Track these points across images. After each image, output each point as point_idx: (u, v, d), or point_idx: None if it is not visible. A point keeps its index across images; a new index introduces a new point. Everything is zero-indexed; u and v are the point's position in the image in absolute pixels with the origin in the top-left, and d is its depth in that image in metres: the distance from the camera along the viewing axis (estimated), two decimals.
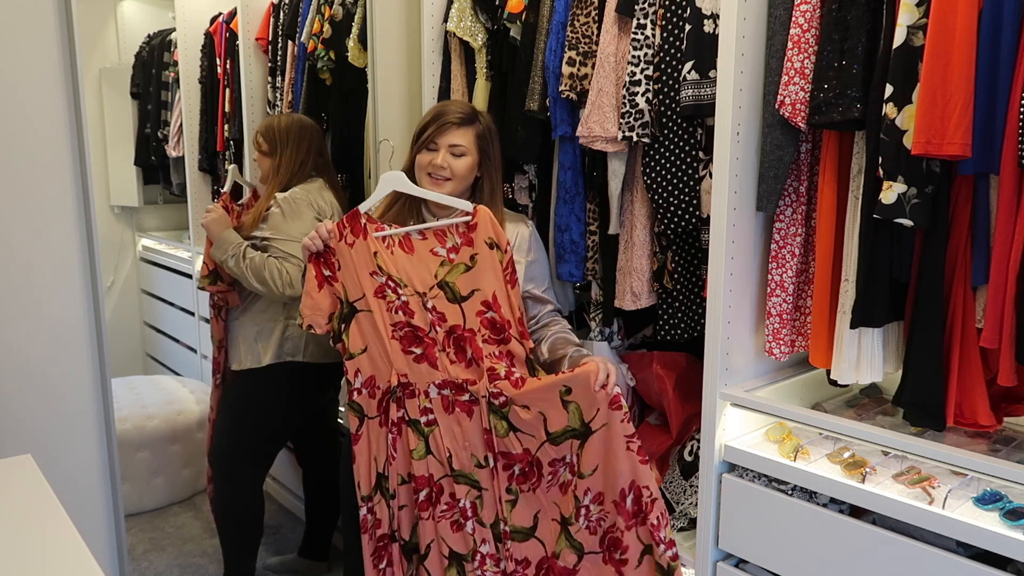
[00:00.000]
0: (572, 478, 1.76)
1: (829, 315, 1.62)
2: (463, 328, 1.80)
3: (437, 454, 1.82)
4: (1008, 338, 1.36)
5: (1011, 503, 1.39)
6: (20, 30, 1.96)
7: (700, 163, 1.79)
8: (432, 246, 1.83)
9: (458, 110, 1.89)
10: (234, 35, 3.18)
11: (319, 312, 1.83)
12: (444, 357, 1.81)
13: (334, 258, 1.83)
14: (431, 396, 1.81)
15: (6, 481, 1.48)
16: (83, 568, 1.19)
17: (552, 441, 1.74)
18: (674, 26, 1.76)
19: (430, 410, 1.82)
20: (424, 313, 1.81)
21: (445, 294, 1.81)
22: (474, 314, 1.80)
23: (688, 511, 1.90)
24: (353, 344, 1.83)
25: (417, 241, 1.84)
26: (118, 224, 4.38)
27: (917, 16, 1.37)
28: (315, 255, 1.82)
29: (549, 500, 1.79)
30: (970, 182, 1.43)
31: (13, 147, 1.99)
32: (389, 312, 1.82)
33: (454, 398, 1.81)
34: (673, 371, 2.05)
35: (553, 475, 1.77)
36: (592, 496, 1.75)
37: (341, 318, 1.83)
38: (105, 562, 2.24)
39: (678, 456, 2.00)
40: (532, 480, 1.78)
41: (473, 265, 1.81)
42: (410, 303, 1.81)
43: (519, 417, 1.75)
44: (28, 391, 2.09)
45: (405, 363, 1.81)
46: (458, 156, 1.87)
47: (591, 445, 1.72)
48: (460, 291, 1.81)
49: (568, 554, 1.79)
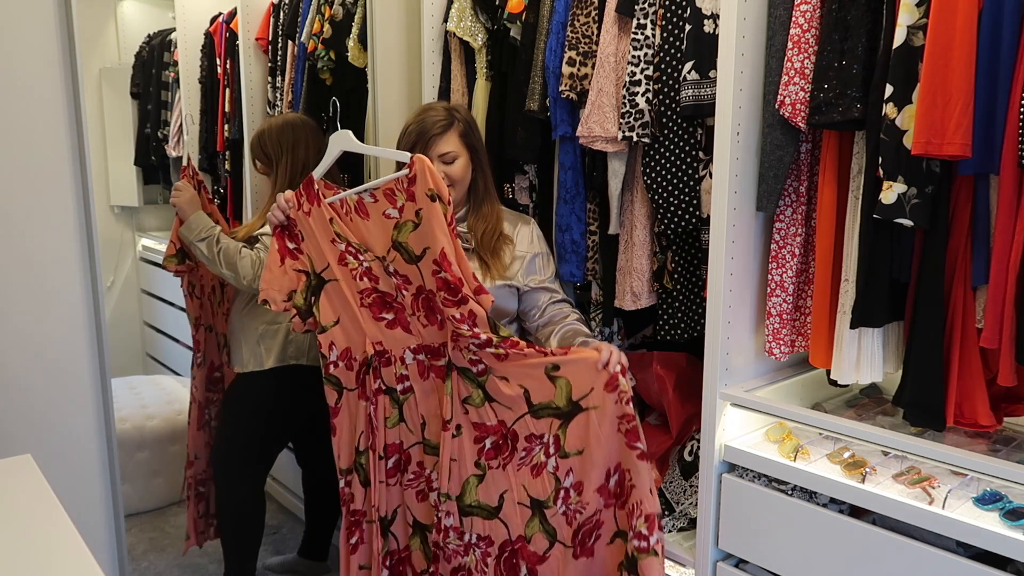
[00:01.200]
0: (547, 460, 1.72)
1: (829, 315, 1.62)
2: (425, 289, 1.76)
3: (410, 422, 1.80)
4: (1008, 338, 1.36)
5: (1011, 503, 1.39)
6: (20, 30, 1.96)
7: (700, 163, 1.79)
8: (384, 208, 1.78)
9: (436, 118, 1.87)
10: (234, 35, 3.18)
11: (275, 288, 1.80)
12: (416, 321, 1.77)
13: (297, 229, 1.80)
14: (407, 362, 1.78)
15: (6, 481, 1.48)
16: (83, 568, 1.19)
17: (533, 414, 1.70)
18: (674, 26, 1.76)
19: (406, 377, 1.79)
20: (388, 278, 1.78)
21: (401, 255, 1.77)
22: (430, 273, 1.74)
23: (688, 511, 1.90)
24: (325, 317, 1.80)
25: (371, 205, 1.79)
26: (118, 224, 4.37)
27: (917, 16, 1.37)
28: (280, 228, 1.81)
29: (518, 482, 1.74)
30: (970, 182, 1.42)
31: (13, 147, 1.99)
32: (355, 279, 1.79)
33: (430, 363, 1.78)
34: (673, 371, 2.05)
35: (527, 452, 1.73)
36: (574, 482, 1.71)
37: (310, 291, 1.80)
38: (105, 562, 2.24)
39: (678, 456, 2.00)
40: (504, 455, 1.74)
41: (420, 222, 1.74)
42: (373, 268, 1.79)
43: (498, 388, 1.71)
44: (28, 391, 2.09)
45: (378, 330, 1.78)
46: (451, 162, 1.87)
47: (576, 426, 1.68)
48: (414, 250, 1.75)
49: (540, 539, 1.74)
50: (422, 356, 1.78)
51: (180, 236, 2.25)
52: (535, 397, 1.71)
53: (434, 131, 1.85)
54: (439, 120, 1.87)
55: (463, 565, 1.79)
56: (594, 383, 1.67)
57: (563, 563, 1.75)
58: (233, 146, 3.28)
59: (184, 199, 2.25)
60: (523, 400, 1.71)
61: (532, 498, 1.75)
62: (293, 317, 1.83)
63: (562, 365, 1.68)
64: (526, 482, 1.74)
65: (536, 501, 1.75)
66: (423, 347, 1.78)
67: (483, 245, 1.89)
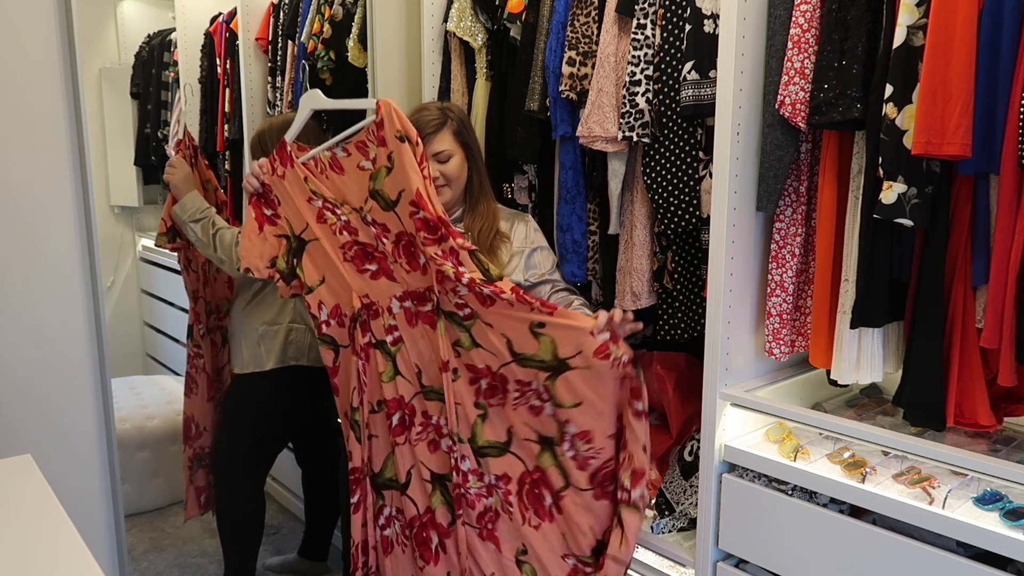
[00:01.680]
0: (543, 404, 1.70)
1: (829, 315, 1.62)
2: (406, 234, 1.75)
3: (406, 373, 1.78)
4: (1008, 338, 1.36)
5: (1011, 503, 1.39)
6: (20, 30, 1.96)
7: (700, 163, 1.79)
8: (358, 161, 1.78)
9: (429, 117, 1.87)
10: (234, 35, 3.18)
11: (256, 256, 1.80)
12: (399, 268, 1.76)
13: (272, 195, 1.80)
14: (394, 311, 1.78)
15: (6, 481, 1.48)
16: (83, 568, 1.19)
17: (519, 362, 1.68)
18: (674, 26, 1.76)
19: (395, 327, 1.78)
20: (367, 228, 1.77)
21: (378, 203, 1.76)
22: (408, 216, 1.73)
23: (688, 511, 1.90)
24: (310, 277, 1.80)
25: (344, 160, 1.79)
26: (118, 224, 4.37)
27: (917, 16, 1.37)
28: (255, 196, 1.81)
29: (519, 419, 1.72)
30: (970, 182, 1.42)
31: (13, 147, 1.99)
32: (334, 234, 1.79)
33: (417, 309, 1.76)
34: (673, 371, 2.04)
35: (521, 394, 1.71)
36: (578, 431, 1.68)
37: (291, 253, 1.80)
38: (105, 562, 2.24)
39: (678, 456, 2.00)
40: (499, 395, 1.73)
41: (392, 165, 1.74)
42: (351, 221, 1.78)
43: (484, 334, 1.70)
44: (28, 391, 2.09)
45: (363, 282, 1.78)
46: (445, 161, 1.87)
47: (566, 382, 1.66)
48: (389, 196, 1.75)
49: (555, 474, 1.71)
50: (408, 303, 1.77)
51: (172, 216, 2.21)
52: (517, 347, 1.68)
53: (427, 130, 1.85)
54: (432, 119, 1.87)
55: (489, 507, 1.75)
56: (581, 347, 1.63)
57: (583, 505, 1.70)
58: (233, 146, 3.28)
59: (179, 176, 2.20)
60: (506, 349, 1.69)
61: (539, 433, 1.71)
62: (277, 282, 1.82)
63: (547, 324, 1.64)
64: (527, 420, 1.72)
65: (544, 437, 1.71)
66: (409, 294, 1.76)
67: (479, 243, 1.89)
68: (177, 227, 2.23)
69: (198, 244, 2.19)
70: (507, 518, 1.75)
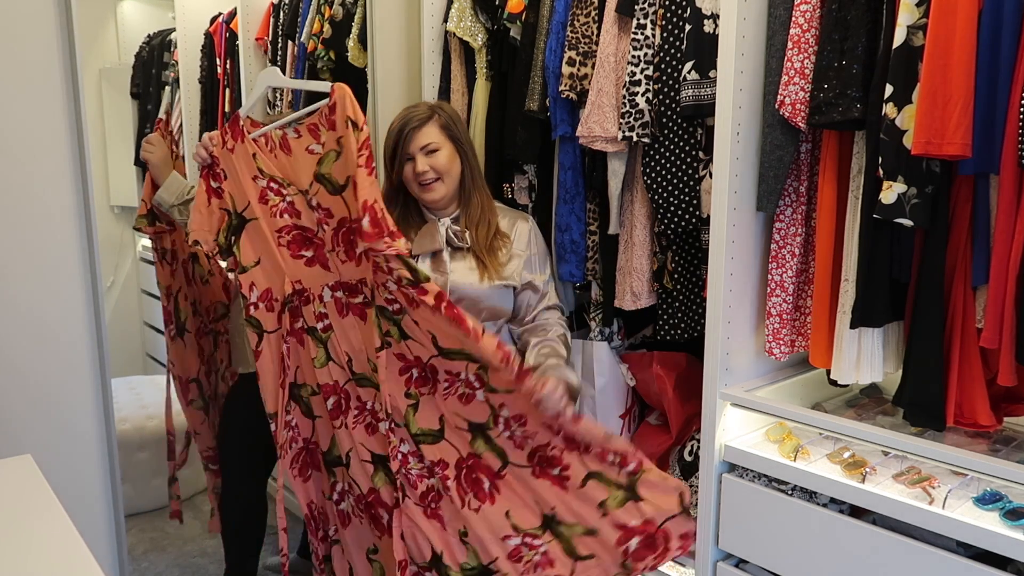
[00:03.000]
0: (475, 392, 1.72)
1: (829, 315, 1.62)
2: (350, 219, 1.74)
3: (337, 359, 1.80)
4: (1008, 338, 1.36)
5: (1011, 503, 1.39)
6: (20, 30, 1.96)
7: (700, 163, 1.79)
8: (308, 143, 1.78)
9: (416, 113, 1.89)
10: (234, 35, 3.18)
11: (205, 229, 1.80)
12: (335, 257, 1.77)
13: (220, 168, 1.80)
14: (325, 299, 1.78)
15: (6, 481, 1.48)
16: (83, 568, 1.19)
17: (444, 355, 1.71)
18: (674, 26, 1.76)
19: (325, 315, 1.79)
20: (310, 212, 1.77)
21: (325, 187, 1.76)
22: (354, 200, 1.73)
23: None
24: (245, 257, 1.80)
25: (294, 141, 1.79)
26: (118, 224, 4.37)
27: (917, 16, 1.37)
28: (206, 168, 1.80)
29: (450, 409, 1.74)
30: (970, 182, 1.42)
31: (13, 147, 1.99)
32: (274, 217, 1.78)
33: (347, 300, 1.77)
34: (673, 371, 2.04)
35: (450, 384, 1.73)
36: (512, 414, 1.71)
37: (230, 230, 1.79)
38: (105, 562, 2.24)
39: (678, 456, 2.00)
40: (429, 384, 1.75)
41: (341, 150, 1.74)
42: (296, 203, 1.78)
43: (412, 327, 1.72)
44: (28, 391, 2.09)
45: (297, 268, 1.78)
46: (432, 153, 1.87)
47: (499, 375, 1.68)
48: (337, 180, 1.75)
49: (491, 457, 1.74)
50: (340, 293, 1.78)
51: (156, 201, 2.16)
52: (442, 343, 1.71)
53: (413, 124, 1.87)
54: (419, 115, 1.89)
55: (431, 487, 1.78)
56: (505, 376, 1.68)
57: (523, 481, 1.73)
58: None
59: (158, 156, 2.14)
60: (431, 344, 1.72)
61: (469, 421, 1.74)
62: (215, 256, 1.82)
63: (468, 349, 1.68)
64: (458, 409, 1.74)
65: (474, 424, 1.74)
66: (340, 284, 1.77)
67: (479, 242, 1.89)
68: (161, 213, 2.18)
69: (181, 222, 2.15)
70: (448, 500, 1.77)
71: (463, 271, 1.88)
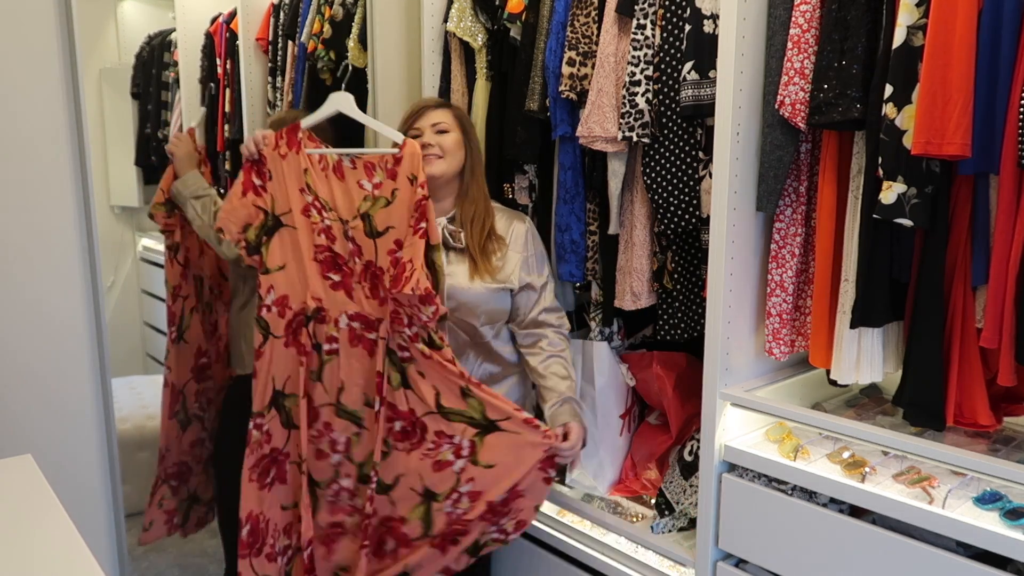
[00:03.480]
0: (454, 460, 1.77)
1: (829, 315, 1.62)
2: (375, 265, 1.80)
3: (327, 382, 1.83)
4: (1008, 338, 1.36)
5: (1011, 503, 1.39)
6: (20, 30, 1.96)
7: (700, 163, 1.79)
8: (359, 178, 1.82)
9: (431, 98, 1.96)
10: (234, 35, 3.18)
11: (232, 219, 1.82)
12: (360, 290, 1.81)
13: (266, 167, 1.82)
14: (340, 325, 1.82)
15: (6, 481, 1.48)
16: (83, 568, 1.19)
17: (443, 414, 1.76)
18: (674, 26, 1.76)
19: (335, 339, 1.82)
20: (344, 241, 1.81)
21: (363, 226, 1.81)
22: (386, 252, 1.79)
23: (688, 511, 1.90)
24: (271, 259, 1.83)
25: (348, 170, 1.83)
26: (118, 224, 4.37)
27: (917, 16, 1.37)
28: (251, 162, 1.83)
29: (417, 470, 1.79)
30: (970, 182, 1.43)
31: (13, 147, 1.99)
32: (314, 233, 1.82)
33: (361, 332, 1.81)
34: (673, 371, 2.05)
35: (436, 447, 1.77)
36: (471, 490, 1.77)
37: (263, 229, 1.82)
38: (105, 562, 2.24)
39: (678, 456, 2.00)
40: (413, 440, 1.79)
41: (393, 200, 1.79)
42: (333, 228, 1.82)
43: (415, 379, 1.77)
44: (28, 391, 2.09)
45: (322, 287, 1.81)
46: (443, 132, 1.90)
47: (496, 440, 1.75)
48: (377, 226, 1.80)
49: (416, 525, 1.80)
50: (356, 324, 1.81)
51: (173, 191, 2.19)
52: (445, 402, 1.76)
53: (428, 104, 1.95)
54: (435, 101, 1.97)
55: (341, 523, 1.86)
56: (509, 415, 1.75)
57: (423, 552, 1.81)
58: (233, 146, 3.28)
59: (183, 151, 2.20)
60: (433, 401, 1.77)
61: (426, 488, 1.79)
62: (240, 249, 1.84)
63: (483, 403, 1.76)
64: (425, 473, 1.79)
65: (429, 492, 1.79)
66: (359, 316, 1.81)
67: (472, 241, 1.89)
68: (176, 203, 2.20)
69: (195, 222, 2.17)
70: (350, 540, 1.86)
71: (460, 275, 1.88)
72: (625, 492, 2.11)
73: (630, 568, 1.89)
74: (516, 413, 1.75)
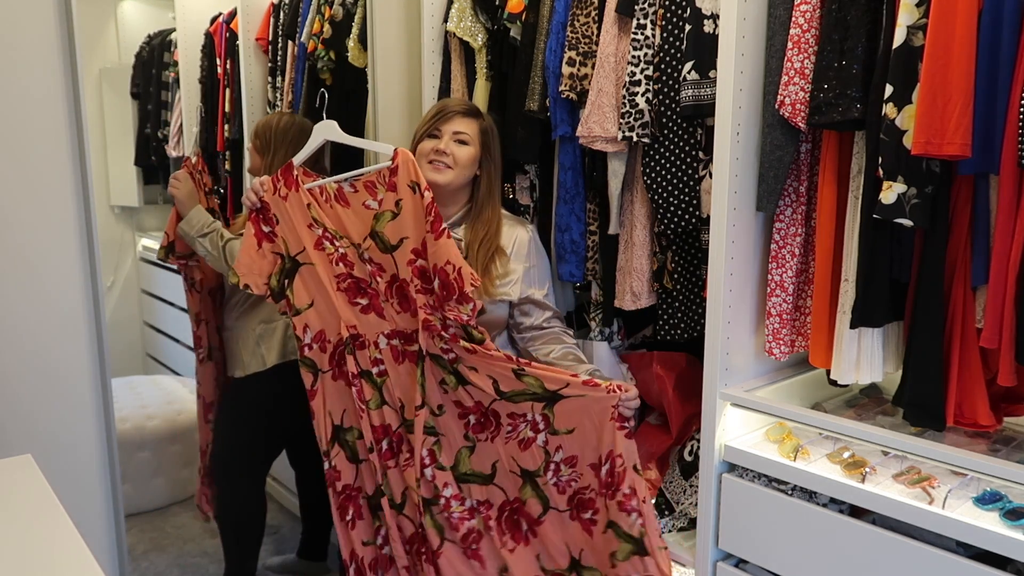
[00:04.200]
0: (535, 435, 1.77)
1: (829, 315, 1.62)
2: (399, 279, 1.79)
3: (392, 403, 1.83)
4: (1008, 338, 1.36)
5: (1011, 503, 1.39)
6: (20, 30, 1.96)
7: (700, 163, 1.79)
8: (364, 199, 1.81)
9: (463, 103, 1.91)
10: (234, 35, 3.18)
11: (255, 272, 1.83)
12: (390, 307, 1.81)
13: (271, 213, 1.82)
14: (380, 347, 1.82)
15: (6, 481, 1.48)
16: (83, 568, 1.19)
17: (507, 399, 1.76)
18: (674, 26, 1.76)
19: (381, 361, 1.83)
20: (362, 264, 1.81)
21: (376, 244, 1.80)
22: (405, 263, 1.78)
23: (688, 511, 1.90)
24: (299, 299, 1.83)
25: (351, 195, 1.83)
26: (118, 224, 4.37)
27: (917, 16, 1.37)
28: (255, 212, 1.82)
29: (507, 453, 1.79)
30: (970, 182, 1.43)
31: (13, 147, 1.99)
32: (331, 264, 1.82)
33: (403, 348, 1.81)
34: (673, 371, 2.04)
35: (513, 428, 1.77)
36: (564, 456, 1.76)
37: (284, 273, 1.83)
38: (105, 562, 2.24)
39: (678, 456, 2.00)
40: (490, 429, 1.79)
41: (399, 211, 1.78)
42: (348, 255, 1.82)
43: (469, 376, 1.77)
44: (28, 391, 2.09)
45: (353, 314, 1.81)
46: (462, 144, 1.87)
47: (565, 407, 1.74)
48: (390, 240, 1.79)
49: (534, 503, 1.80)
50: (396, 341, 1.82)
51: (179, 232, 2.24)
52: (503, 387, 1.76)
53: (456, 109, 1.89)
54: (464, 105, 1.91)
55: (472, 529, 1.83)
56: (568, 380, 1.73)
57: (560, 525, 1.80)
58: (233, 146, 3.28)
59: (184, 192, 2.24)
60: (493, 389, 1.76)
61: (522, 468, 1.79)
62: (268, 299, 1.86)
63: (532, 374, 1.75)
64: (515, 454, 1.79)
65: (526, 471, 1.79)
66: (396, 332, 1.81)
67: (475, 254, 1.87)
68: (186, 242, 2.26)
69: (208, 258, 2.22)
70: (488, 539, 1.84)
71: None
72: None
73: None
74: (573, 379, 1.74)
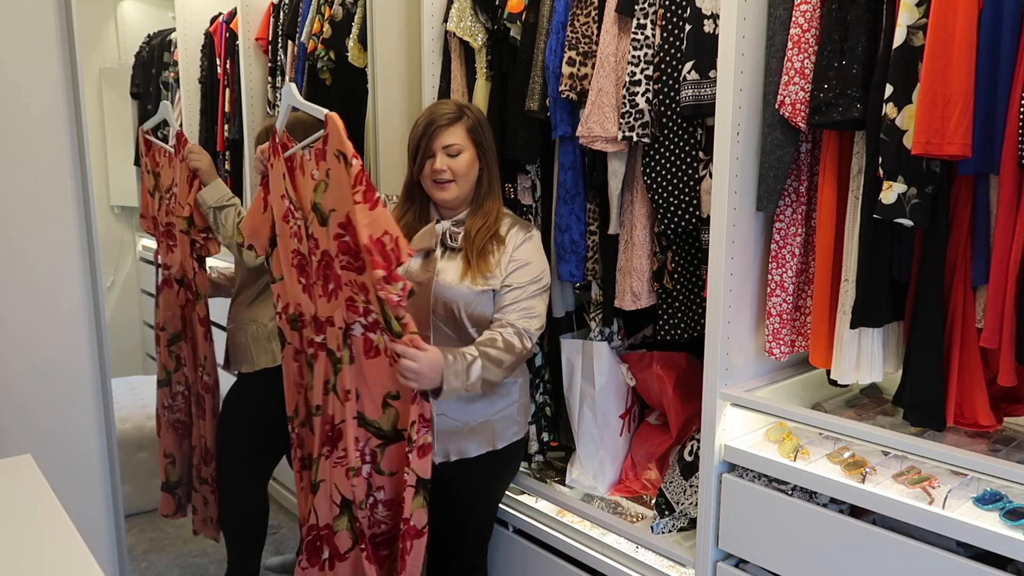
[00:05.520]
0: (362, 466, 1.75)
1: (829, 315, 1.62)
2: (327, 254, 1.69)
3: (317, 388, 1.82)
4: (1008, 338, 1.36)
5: (1011, 503, 1.39)
6: (20, 30, 1.96)
7: (700, 163, 1.79)
8: (312, 169, 1.69)
9: (444, 111, 1.86)
10: (234, 35, 3.18)
11: (260, 235, 1.84)
12: (316, 288, 1.76)
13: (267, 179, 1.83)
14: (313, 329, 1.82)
15: (6, 481, 1.48)
16: (83, 568, 1.19)
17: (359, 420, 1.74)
18: (674, 26, 1.76)
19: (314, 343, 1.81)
20: (307, 241, 1.74)
21: (316, 216, 1.69)
22: (332, 237, 1.65)
23: (688, 511, 1.90)
24: (275, 269, 1.84)
25: (307, 163, 1.71)
26: (118, 224, 4.37)
27: (917, 16, 1.37)
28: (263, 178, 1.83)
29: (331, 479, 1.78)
30: (970, 182, 1.43)
31: (13, 147, 1.99)
32: (289, 238, 1.79)
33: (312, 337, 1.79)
34: (673, 371, 2.05)
35: (346, 453, 1.74)
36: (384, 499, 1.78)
37: (272, 242, 1.84)
38: (105, 562, 2.24)
39: (678, 456, 2.00)
40: (327, 448, 1.79)
41: (329, 181, 1.64)
42: (300, 228, 1.77)
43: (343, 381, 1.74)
44: (28, 391, 2.09)
45: (299, 292, 1.80)
46: (455, 155, 1.86)
47: (395, 449, 1.75)
48: (325, 212, 1.67)
49: (345, 536, 1.78)
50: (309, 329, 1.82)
51: (197, 200, 2.24)
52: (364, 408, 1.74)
53: (441, 122, 1.85)
54: (447, 112, 1.87)
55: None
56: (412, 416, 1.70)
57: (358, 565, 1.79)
58: (233, 146, 3.28)
59: (204, 163, 2.24)
60: (354, 403, 1.74)
61: (343, 496, 1.77)
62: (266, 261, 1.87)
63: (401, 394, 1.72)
64: (339, 481, 1.77)
65: (346, 500, 1.77)
66: (314, 318, 1.79)
67: (471, 243, 1.85)
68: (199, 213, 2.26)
69: (220, 230, 2.23)
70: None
71: (451, 271, 1.85)
72: (625, 492, 2.11)
73: (630, 568, 1.89)
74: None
